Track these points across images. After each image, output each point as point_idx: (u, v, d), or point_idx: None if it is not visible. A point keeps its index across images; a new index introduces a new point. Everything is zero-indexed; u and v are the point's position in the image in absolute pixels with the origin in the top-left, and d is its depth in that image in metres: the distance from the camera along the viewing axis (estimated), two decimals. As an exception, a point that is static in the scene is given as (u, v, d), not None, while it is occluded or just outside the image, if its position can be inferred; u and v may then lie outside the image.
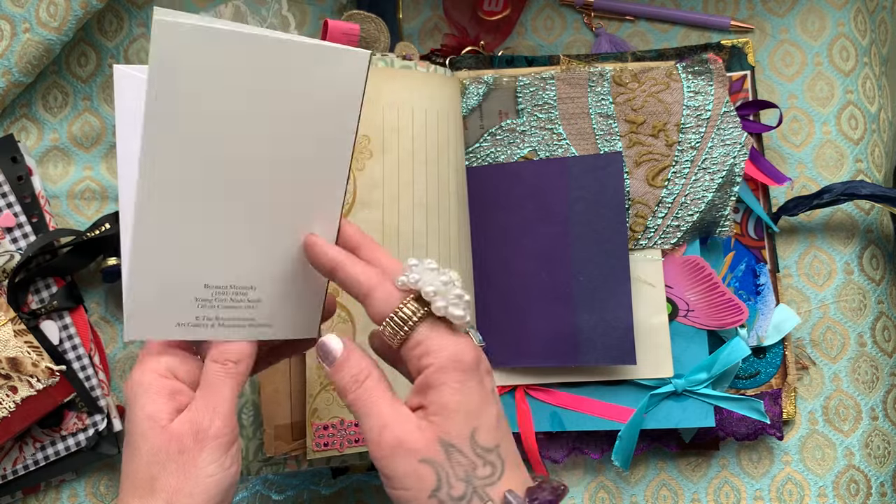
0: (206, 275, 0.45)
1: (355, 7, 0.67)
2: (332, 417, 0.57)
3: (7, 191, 0.63)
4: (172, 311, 0.45)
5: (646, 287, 0.64)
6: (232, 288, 0.45)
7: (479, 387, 0.42)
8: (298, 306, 0.47)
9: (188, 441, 0.42)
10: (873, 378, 0.67)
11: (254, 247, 0.45)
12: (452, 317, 0.42)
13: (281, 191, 0.45)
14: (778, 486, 0.66)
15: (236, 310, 0.46)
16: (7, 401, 0.60)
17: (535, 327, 0.63)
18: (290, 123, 0.44)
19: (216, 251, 0.44)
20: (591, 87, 0.66)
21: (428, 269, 0.43)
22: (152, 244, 0.43)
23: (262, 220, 0.45)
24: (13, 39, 0.63)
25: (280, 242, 0.46)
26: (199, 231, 0.44)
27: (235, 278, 0.45)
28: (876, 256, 0.68)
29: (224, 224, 0.44)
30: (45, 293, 0.64)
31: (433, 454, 0.41)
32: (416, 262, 0.43)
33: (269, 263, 0.46)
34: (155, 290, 0.44)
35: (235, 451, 0.44)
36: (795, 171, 0.69)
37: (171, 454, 0.42)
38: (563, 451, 0.65)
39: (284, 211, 0.45)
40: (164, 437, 0.42)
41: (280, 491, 0.65)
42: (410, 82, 0.62)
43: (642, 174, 0.65)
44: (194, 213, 0.44)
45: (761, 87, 0.69)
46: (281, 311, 0.47)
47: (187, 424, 0.43)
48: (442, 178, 0.62)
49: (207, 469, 0.42)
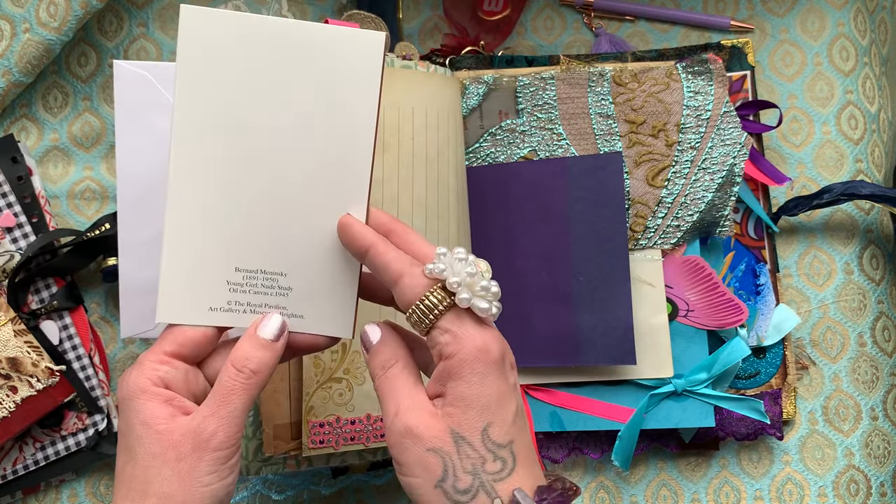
0: (237, 257, 0.45)
1: (355, 7, 0.67)
2: (329, 415, 0.57)
3: (7, 191, 0.63)
4: (205, 295, 0.45)
5: (646, 287, 0.64)
6: (262, 273, 0.46)
7: (499, 381, 0.42)
8: (330, 299, 0.47)
9: (187, 449, 0.41)
10: (873, 378, 0.67)
11: (282, 230, 0.46)
12: (477, 309, 0.42)
13: (307, 173, 0.46)
14: (778, 486, 0.66)
15: (268, 296, 0.46)
16: (7, 401, 0.60)
17: (535, 327, 0.63)
18: (314, 105, 0.45)
19: (247, 233, 0.45)
20: (591, 87, 0.66)
21: (456, 259, 0.42)
22: (185, 224, 0.44)
23: (290, 204, 0.46)
24: (13, 39, 0.63)
25: (308, 227, 0.46)
26: (229, 213, 0.45)
27: (265, 262, 0.46)
28: (876, 256, 0.68)
29: (252, 206, 0.45)
30: (45, 293, 0.64)
31: (442, 444, 0.40)
32: (444, 251, 0.43)
33: (299, 249, 0.46)
34: (187, 271, 0.45)
35: (235, 462, 0.43)
36: (795, 171, 0.69)
37: (167, 461, 0.41)
38: (563, 450, 0.65)
39: (311, 194, 0.46)
40: (162, 443, 0.41)
41: (280, 491, 0.65)
42: (411, 82, 0.62)
43: (642, 174, 0.65)
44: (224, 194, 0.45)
45: (761, 87, 0.69)
46: (313, 302, 0.47)
47: (189, 433, 0.42)
48: (442, 177, 0.62)
49: (204, 479, 0.42)
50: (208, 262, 0.45)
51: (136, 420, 0.42)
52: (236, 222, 0.45)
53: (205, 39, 0.44)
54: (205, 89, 0.44)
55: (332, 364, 0.58)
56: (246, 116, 0.45)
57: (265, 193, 0.45)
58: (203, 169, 0.44)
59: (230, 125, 0.44)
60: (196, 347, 0.45)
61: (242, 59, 0.44)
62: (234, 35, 0.44)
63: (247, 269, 0.46)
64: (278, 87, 0.45)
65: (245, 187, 0.45)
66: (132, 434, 0.42)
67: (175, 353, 0.44)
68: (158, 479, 0.41)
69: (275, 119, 0.45)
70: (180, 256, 0.45)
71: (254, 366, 0.44)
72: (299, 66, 0.45)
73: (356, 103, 0.46)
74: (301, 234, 0.46)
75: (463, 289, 0.42)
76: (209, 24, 0.44)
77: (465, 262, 0.42)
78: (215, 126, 0.44)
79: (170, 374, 0.43)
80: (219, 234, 0.45)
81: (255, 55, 0.44)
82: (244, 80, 0.44)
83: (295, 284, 0.46)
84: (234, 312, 0.45)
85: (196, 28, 0.43)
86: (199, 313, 0.45)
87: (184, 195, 0.44)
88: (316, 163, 0.46)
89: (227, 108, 0.44)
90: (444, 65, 0.67)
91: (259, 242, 0.46)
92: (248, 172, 0.45)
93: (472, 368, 0.41)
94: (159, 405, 0.42)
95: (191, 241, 0.45)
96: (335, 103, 0.46)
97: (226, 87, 0.44)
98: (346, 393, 0.58)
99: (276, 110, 0.45)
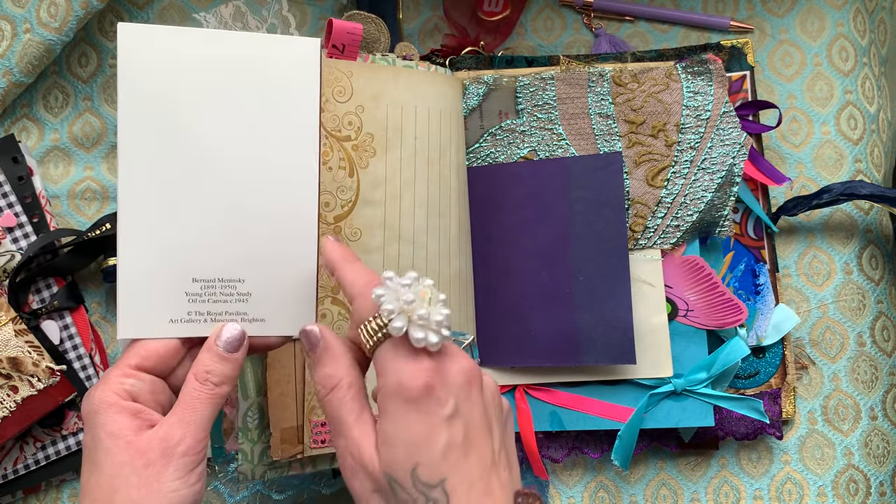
0: (193, 268, 0.46)
1: (355, 7, 0.67)
2: (332, 416, 0.57)
3: (8, 191, 0.63)
4: (164, 307, 0.45)
5: (645, 287, 0.64)
6: (220, 281, 0.46)
7: (423, 417, 0.40)
8: (291, 300, 0.47)
9: (154, 455, 0.41)
10: (872, 378, 0.67)
11: (236, 237, 0.46)
12: (413, 339, 0.40)
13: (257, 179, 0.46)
14: (777, 486, 0.66)
15: (227, 304, 0.46)
16: (8, 400, 0.60)
17: (535, 327, 0.63)
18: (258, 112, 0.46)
19: (200, 244, 0.46)
20: (591, 87, 0.66)
21: (399, 285, 0.41)
22: (138, 239, 0.45)
23: (242, 210, 0.46)
24: (14, 40, 0.63)
25: (262, 231, 0.47)
26: (182, 224, 0.45)
27: (222, 271, 0.46)
28: (875, 256, 0.68)
29: (204, 215, 0.46)
30: (46, 293, 0.64)
31: (381, 486, 0.40)
32: (390, 276, 0.41)
33: (254, 253, 0.47)
34: (144, 285, 0.45)
35: (202, 470, 0.43)
36: (795, 172, 0.69)
37: (135, 468, 0.41)
38: (562, 450, 0.66)
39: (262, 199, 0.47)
40: (129, 451, 0.41)
41: (280, 490, 0.65)
42: (414, 81, 0.62)
43: (642, 174, 0.65)
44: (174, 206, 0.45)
45: (761, 88, 0.69)
46: (273, 305, 0.47)
47: (156, 440, 0.42)
48: (443, 177, 0.62)
49: (171, 485, 0.41)
50: (165, 275, 0.45)
51: (103, 433, 0.42)
52: (190, 233, 0.46)
53: (145, 56, 0.45)
54: (148, 106, 0.45)
55: (332, 364, 0.58)
56: (191, 129, 0.45)
57: (217, 202, 0.46)
58: (151, 184, 0.45)
59: (176, 138, 0.45)
60: (160, 360, 0.45)
61: (184, 73, 0.45)
62: (174, 50, 0.45)
63: (204, 278, 0.46)
64: (221, 97, 0.46)
65: (196, 198, 0.46)
66: (99, 447, 0.42)
67: (140, 366, 0.44)
68: (125, 487, 0.41)
69: (220, 129, 0.46)
70: (136, 271, 0.45)
71: (216, 378, 0.44)
72: (240, 75, 0.46)
73: (298, 107, 0.47)
74: (255, 238, 0.47)
75: (399, 317, 0.40)
76: (148, 41, 0.45)
77: (409, 287, 0.41)
78: (160, 141, 0.45)
79: (136, 385, 0.44)
80: (173, 247, 0.45)
81: (196, 68, 0.45)
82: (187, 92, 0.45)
83: (254, 289, 0.47)
84: (195, 322, 0.46)
85: (135, 45, 0.45)
86: (160, 326, 0.45)
87: (135, 210, 0.45)
88: (264, 168, 0.46)
89: (171, 122, 0.45)
90: (444, 65, 0.67)
91: (214, 251, 0.46)
92: (198, 183, 0.45)
93: (392, 405, 0.40)
94: (127, 417, 0.42)
95: (146, 255, 0.45)
96: (278, 109, 0.46)
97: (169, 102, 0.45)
98: (347, 392, 0.58)
99: (221, 120, 0.46)
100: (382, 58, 0.62)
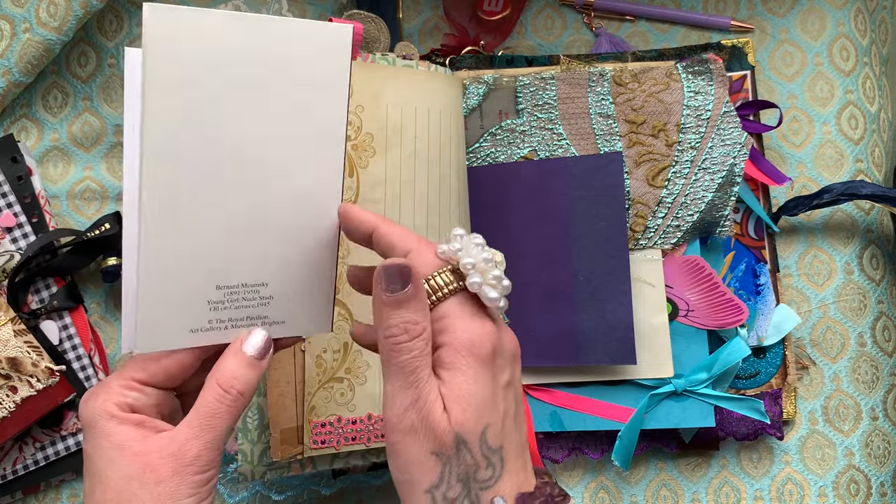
0: (217, 276, 0.43)
1: (355, 7, 0.67)
2: (330, 415, 0.57)
3: (7, 191, 0.63)
4: (185, 318, 0.43)
5: (646, 287, 0.64)
6: (244, 287, 0.44)
7: (491, 380, 0.39)
8: (310, 300, 0.46)
9: (166, 472, 0.40)
10: (873, 378, 0.67)
11: (260, 239, 0.44)
12: (485, 297, 0.40)
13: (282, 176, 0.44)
14: (778, 486, 0.66)
15: (249, 308, 0.44)
16: (7, 401, 0.60)
17: (535, 327, 0.63)
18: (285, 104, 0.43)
19: (225, 249, 0.43)
20: (591, 87, 0.66)
21: (472, 243, 0.40)
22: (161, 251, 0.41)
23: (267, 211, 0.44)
24: (13, 39, 0.63)
25: (286, 232, 0.44)
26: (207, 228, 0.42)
27: (247, 276, 0.44)
28: (876, 256, 0.68)
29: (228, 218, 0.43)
30: (45, 293, 0.63)
31: (445, 448, 0.38)
32: (461, 233, 0.41)
33: (278, 255, 0.44)
34: (167, 298, 0.42)
35: (214, 483, 0.42)
36: (795, 171, 0.69)
37: (145, 483, 0.39)
38: (563, 451, 0.65)
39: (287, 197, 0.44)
40: (137, 465, 0.40)
41: (280, 491, 0.65)
42: (414, 81, 0.62)
43: (642, 174, 0.65)
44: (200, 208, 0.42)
45: (761, 87, 0.69)
46: (293, 307, 0.45)
47: (169, 456, 0.40)
48: (443, 176, 0.62)
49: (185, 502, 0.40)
50: (188, 285, 0.42)
51: (106, 443, 0.40)
52: (215, 239, 0.42)
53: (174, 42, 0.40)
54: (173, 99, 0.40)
55: (333, 364, 0.58)
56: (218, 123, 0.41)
57: (241, 202, 0.43)
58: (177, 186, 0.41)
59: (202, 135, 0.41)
60: (168, 377, 0.43)
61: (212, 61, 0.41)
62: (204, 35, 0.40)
63: (228, 285, 0.43)
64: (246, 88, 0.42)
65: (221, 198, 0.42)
66: (102, 458, 0.40)
67: (145, 382, 0.43)
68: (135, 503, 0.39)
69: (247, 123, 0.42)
70: (158, 283, 0.42)
71: (241, 386, 0.42)
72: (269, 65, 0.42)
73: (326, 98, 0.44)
74: (279, 240, 0.44)
75: (475, 273, 0.40)
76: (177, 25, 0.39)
77: (482, 247, 0.40)
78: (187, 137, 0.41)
79: (140, 399, 0.42)
80: (197, 255, 0.42)
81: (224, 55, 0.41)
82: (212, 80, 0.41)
83: (275, 292, 0.45)
84: (216, 330, 0.43)
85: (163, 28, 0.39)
86: (180, 338, 0.43)
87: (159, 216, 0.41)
88: (289, 164, 0.44)
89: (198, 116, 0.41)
90: (444, 65, 0.67)
91: (239, 256, 0.43)
92: (223, 183, 0.42)
93: (465, 362, 0.39)
94: (130, 428, 0.41)
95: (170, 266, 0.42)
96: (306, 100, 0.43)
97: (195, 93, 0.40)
98: (348, 393, 0.58)
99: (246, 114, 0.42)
100: (382, 57, 0.62)
